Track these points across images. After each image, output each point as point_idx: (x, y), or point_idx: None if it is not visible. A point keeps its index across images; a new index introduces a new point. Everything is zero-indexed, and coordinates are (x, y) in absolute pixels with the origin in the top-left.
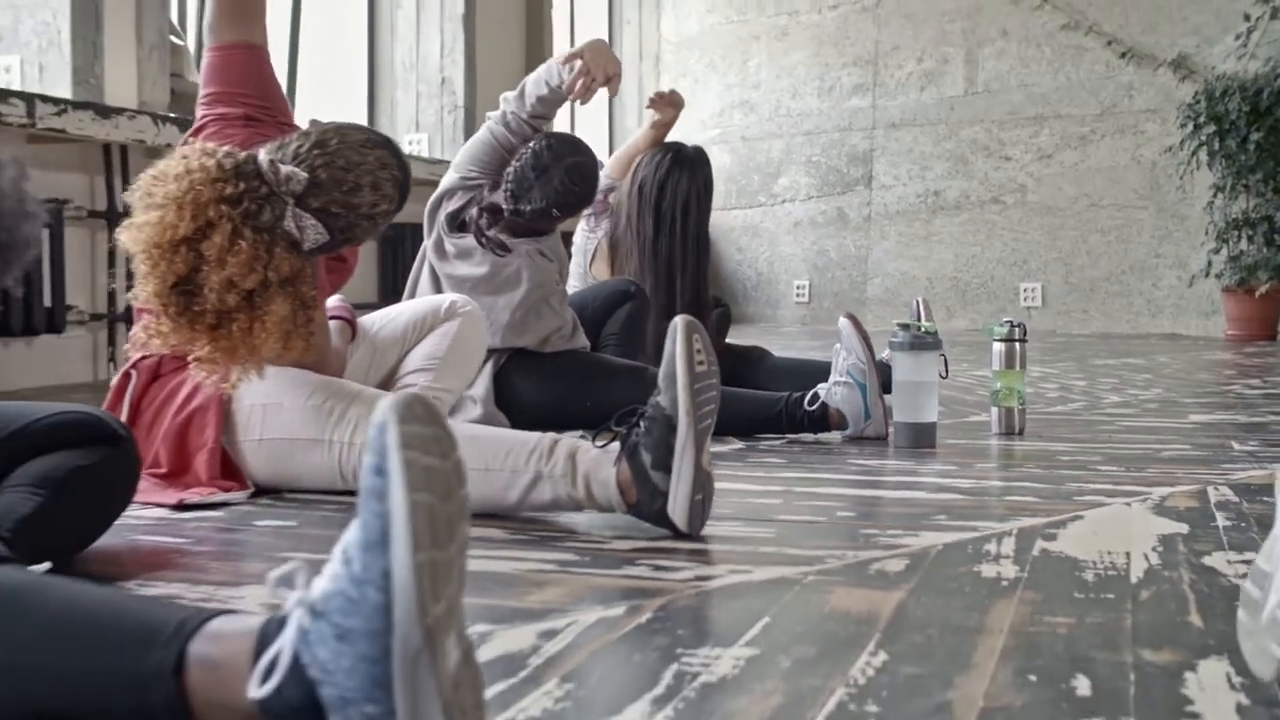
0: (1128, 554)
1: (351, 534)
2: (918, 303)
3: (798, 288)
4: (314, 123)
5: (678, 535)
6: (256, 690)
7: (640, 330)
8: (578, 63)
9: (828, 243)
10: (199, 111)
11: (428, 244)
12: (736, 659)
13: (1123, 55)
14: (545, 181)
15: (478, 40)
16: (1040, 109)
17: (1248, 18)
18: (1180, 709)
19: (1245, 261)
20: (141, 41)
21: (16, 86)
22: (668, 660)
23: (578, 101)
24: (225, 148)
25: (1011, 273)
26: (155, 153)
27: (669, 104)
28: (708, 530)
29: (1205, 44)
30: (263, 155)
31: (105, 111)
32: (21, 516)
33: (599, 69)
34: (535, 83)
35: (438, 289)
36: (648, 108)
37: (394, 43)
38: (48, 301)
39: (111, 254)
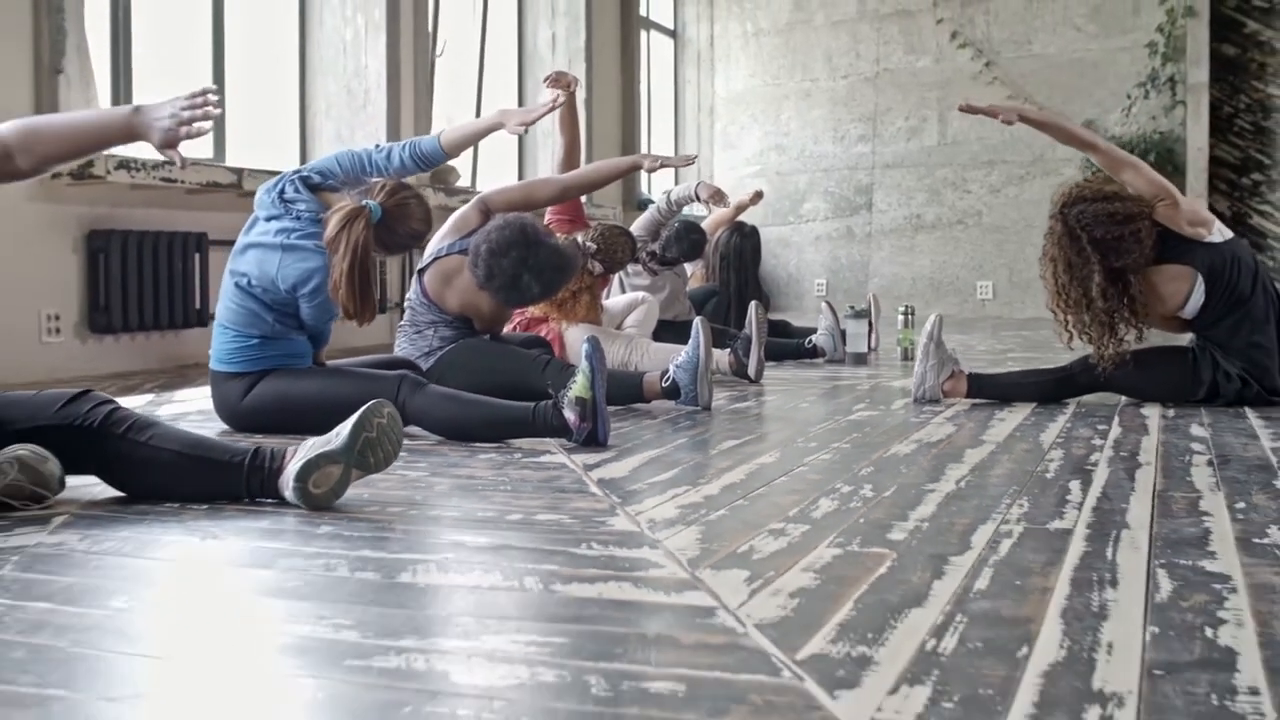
0: None
1: (689, 344)
2: (872, 295)
3: (817, 285)
4: (599, 223)
5: (751, 382)
6: (664, 383)
7: (724, 312)
8: (701, 189)
9: (839, 252)
10: (547, 216)
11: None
12: (792, 405)
13: None
14: (679, 245)
15: (594, 118)
16: (992, 156)
17: (1129, 96)
18: (938, 404)
19: None
20: None
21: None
22: (766, 411)
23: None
24: (561, 234)
25: (971, 274)
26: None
27: (754, 201)
28: (763, 383)
29: (1104, 112)
30: (579, 237)
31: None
32: None
33: (708, 189)
34: (680, 194)
35: (623, 292)
36: (752, 199)
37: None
38: (394, 294)
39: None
